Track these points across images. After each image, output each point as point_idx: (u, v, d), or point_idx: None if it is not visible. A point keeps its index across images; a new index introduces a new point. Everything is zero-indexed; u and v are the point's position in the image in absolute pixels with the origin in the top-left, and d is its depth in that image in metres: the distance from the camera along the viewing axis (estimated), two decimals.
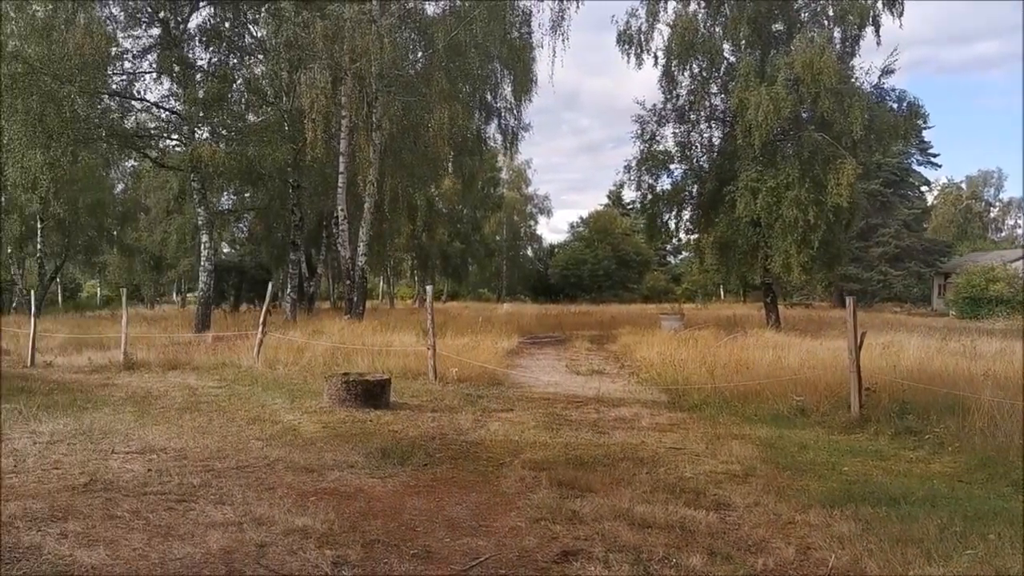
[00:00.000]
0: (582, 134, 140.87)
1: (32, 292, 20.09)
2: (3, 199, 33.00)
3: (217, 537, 4.49)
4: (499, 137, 28.82)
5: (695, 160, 25.04)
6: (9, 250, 36.49)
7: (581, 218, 72.40)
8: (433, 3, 24.52)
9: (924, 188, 63.10)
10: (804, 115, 22.04)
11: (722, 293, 63.27)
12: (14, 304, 37.31)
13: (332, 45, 19.76)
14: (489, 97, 26.86)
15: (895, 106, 22.98)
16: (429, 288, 13.20)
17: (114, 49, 20.79)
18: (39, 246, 34.88)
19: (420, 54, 23.80)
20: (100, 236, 40.32)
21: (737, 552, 4.41)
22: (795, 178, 20.54)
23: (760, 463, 6.68)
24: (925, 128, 51.72)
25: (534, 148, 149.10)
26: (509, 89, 26.35)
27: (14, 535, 4.40)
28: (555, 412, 9.40)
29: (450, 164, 30.92)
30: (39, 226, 34.24)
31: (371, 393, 9.26)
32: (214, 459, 6.53)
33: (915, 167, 58.54)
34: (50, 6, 18.60)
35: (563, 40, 23.43)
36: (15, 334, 18.12)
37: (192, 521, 4.81)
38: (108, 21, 20.54)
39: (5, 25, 18.80)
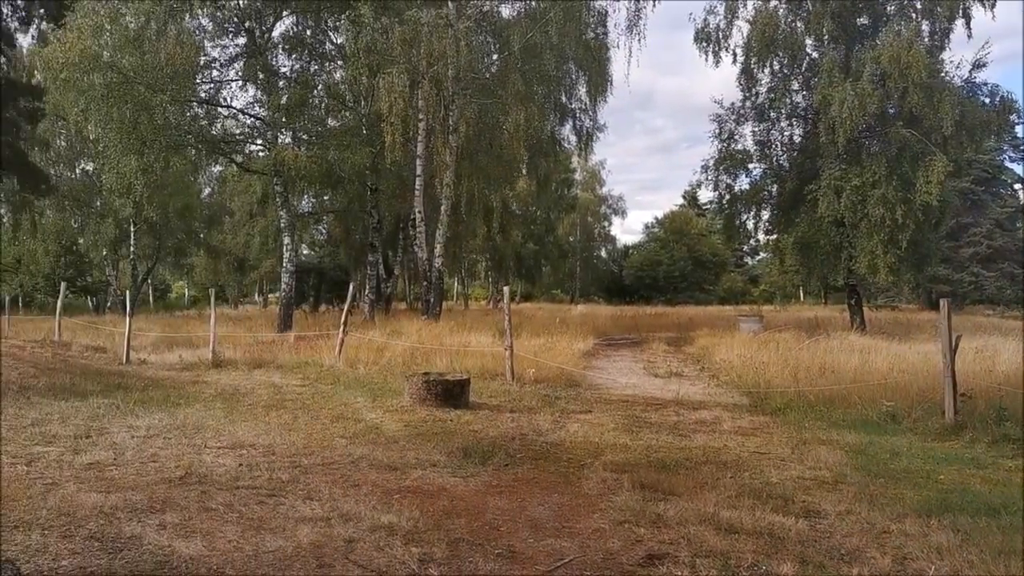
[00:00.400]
0: (656, 134, 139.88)
1: (127, 293, 20.96)
2: (99, 203, 34.60)
3: (307, 532, 4.59)
4: (573, 138, 28.90)
5: (775, 159, 24.50)
6: (104, 252, 38.18)
7: (656, 219, 71.80)
8: (508, 5, 24.71)
9: (1017, 186, 60.09)
10: (891, 111, 21.33)
11: (801, 295, 61.73)
12: (108, 304, 39.04)
13: (410, 49, 20.05)
14: (564, 98, 26.88)
15: (987, 101, 22.02)
16: (506, 289, 13.26)
17: (202, 58, 21.58)
18: (132, 248, 36.39)
19: (495, 56, 23.96)
20: (188, 239, 41.65)
21: (830, 561, 4.30)
22: (882, 176, 19.91)
23: (850, 470, 6.48)
24: (1019, 123, 49.32)
25: (608, 148, 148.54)
26: (584, 90, 26.38)
27: (116, 526, 4.58)
28: (634, 414, 9.32)
29: (524, 166, 31.01)
30: (132, 229, 35.72)
31: (451, 393, 9.35)
32: (301, 455, 6.69)
33: (1008, 164, 55.95)
34: (142, 18, 19.36)
35: (639, 40, 23.37)
36: (111, 332, 18.93)
37: (282, 515, 4.93)
38: (197, 32, 21.31)
39: (100, 36, 19.62)
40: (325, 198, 34.87)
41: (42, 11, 24.55)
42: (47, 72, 19.70)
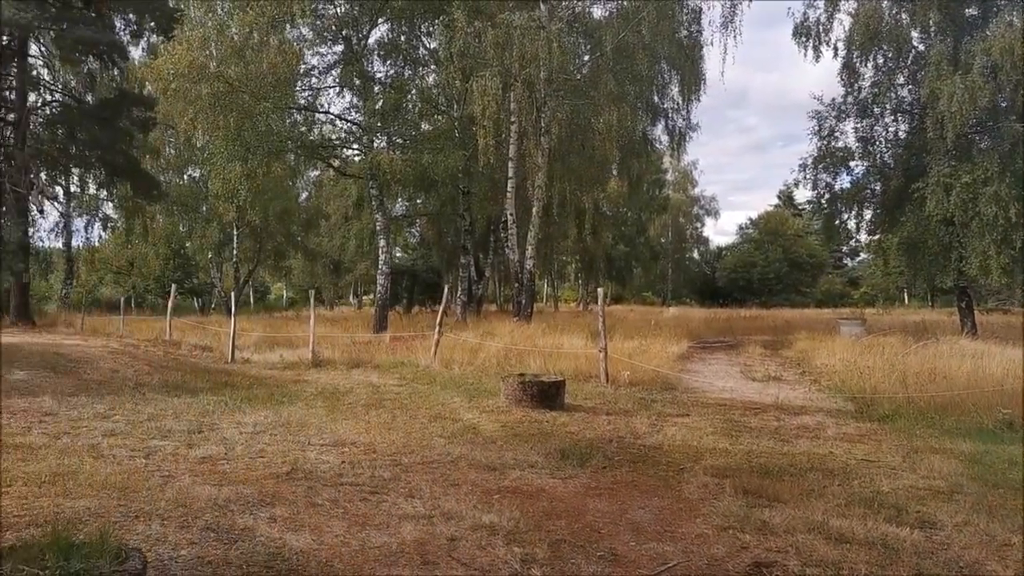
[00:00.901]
0: (749, 132, 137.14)
1: (231, 294, 21.79)
2: (205, 208, 36.09)
3: (410, 529, 4.66)
4: (665, 138, 28.58)
5: (878, 156, 23.64)
6: (209, 255, 39.81)
7: (750, 219, 70.28)
8: (601, 6, 24.63)
9: None
10: (1003, 104, 20.28)
11: (906, 297, 59.29)
12: (213, 304, 40.68)
13: (502, 52, 20.20)
14: (656, 98, 26.62)
15: None
16: (600, 291, 13.19)
17: (302, 66, 22.27)
18: (235, 251, 37.80)
19: (587, 57, 23.91)
20: (287, 242, 42.91)
21: (948, 573, 4.11)
22: (994, 172, 18.95)
23: (966, 479, 6.18)
24: None
25: (700, 148, 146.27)
26: (676, 89, 26.07)
27: (229, 518, 4.75)
28: (733, 418, 9.12)
29: (616, 167, 30.86)
30: (235, 233, 37.10)
31: (546, 394, 9.36)
32: (401, 454, 6.80)
33: None
34: (246, 29, 20.09)
35: (734, 36, 22.94)
36: (216, 332, 19.71)
37: (386, 512, 5.02)
38: (297, 41, 22.01)
39: (206, 47, 20.45)
40: (418, 201, 35.45)
41: (152, 24, 25.77)
42: (157, 83, 20.66)
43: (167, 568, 3.83)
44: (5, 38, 22.92)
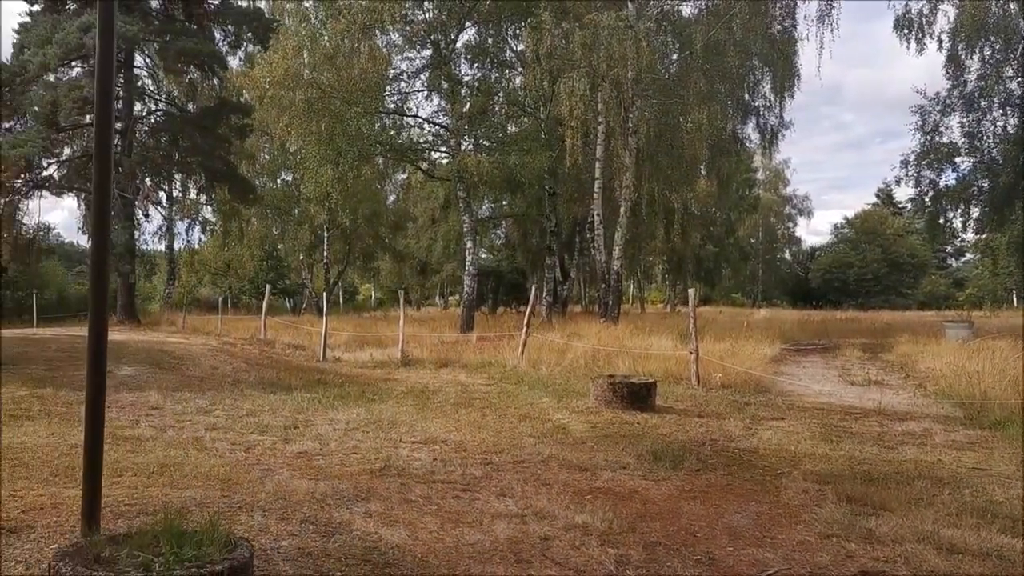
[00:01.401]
0: (845, 129, 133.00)
1: (322, 294, 22.33)
2: (297, 211, 37.14)
3: (503, 527, 4.64)
4: (756, 136, 27.97)
5: (986, 151, 22.56)
6: (300, 257, 40.92)
7: (846, 219, 68.09)
8: (690, 3, 24.25)
9: None
10: None
11: (1015, 299, 56.29)
12: (304, 305, 41.80)
13: (590, 53, 20.10)
14: (747, 96, 26.01)
15: None
16: (691, 291, 12.98)
17: (391, 71, 22.69)
18: (325, 253, 38.73)
19: (676, 56, 23.56)
20: (375, 243, 43.71)
21: None
22: None
23: None
24: None
25: (792, 147, 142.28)
26: (768, 86, 25.38)
27: (327, 511, 4.83)
28: (831, 423, 8.81)
29: (705, 166, 30.31)
30: (325, 235, 38.02)
31: (637, 395, 9.23)
32: (491, 453, 6.80)
33: None
34: (338, 37, 20.58)
35: (832, 31, 22.27)
36: (308, 331, 20.23)
37: (478, 510, 5.01)
38: (387, 47, 22.45)
39: (300, 55, 21.04)
40: (504, 203, 35.63)
41: (249, 35, 26.68)
42: (254, 91, 21.40)
43: (270, 558, 3.91)
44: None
